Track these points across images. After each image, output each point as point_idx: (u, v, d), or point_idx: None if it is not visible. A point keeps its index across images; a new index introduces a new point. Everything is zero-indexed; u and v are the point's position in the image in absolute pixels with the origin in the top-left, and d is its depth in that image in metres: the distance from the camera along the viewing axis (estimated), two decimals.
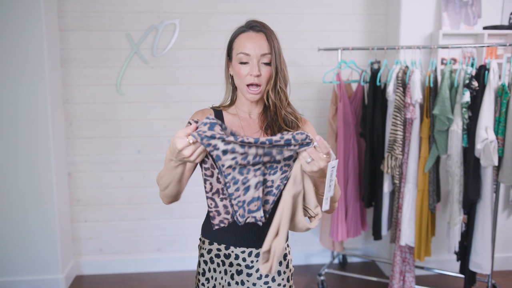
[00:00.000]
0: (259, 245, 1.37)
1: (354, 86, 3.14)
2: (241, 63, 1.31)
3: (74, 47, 3.09)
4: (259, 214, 1.12)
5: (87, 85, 3.14)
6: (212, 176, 1.14)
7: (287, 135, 1.05)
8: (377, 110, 2.85)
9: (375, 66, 2.90)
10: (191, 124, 1.08)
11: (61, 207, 3.03)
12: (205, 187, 1.16)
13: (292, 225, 1.13)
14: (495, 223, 2.65)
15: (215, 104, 1.49)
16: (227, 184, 1.11)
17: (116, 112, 3.19)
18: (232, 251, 1.38)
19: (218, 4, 3.14)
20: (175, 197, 1.31)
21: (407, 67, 2.72)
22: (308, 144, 1.06)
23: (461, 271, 2.70)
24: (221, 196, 1.16)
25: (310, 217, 1.16)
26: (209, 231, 1.43)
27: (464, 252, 2.65)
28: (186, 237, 3.36)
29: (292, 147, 1.06)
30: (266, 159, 1.08)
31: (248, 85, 1.32)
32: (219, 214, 1.17)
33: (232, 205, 1.14)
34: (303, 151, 1.07)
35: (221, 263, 1.40)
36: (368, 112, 2.88)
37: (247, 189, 1.11)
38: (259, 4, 3.17)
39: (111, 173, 3.23)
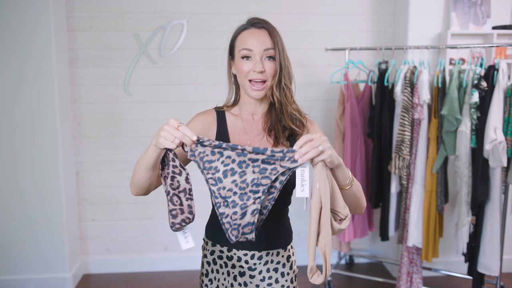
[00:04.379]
0: (261, 247, 1.37)
1: (361, 86, 3.13)
2: (244, 58, 1.29)
3: (82, 47, 3.11)
4: (251, 236, 1.16)
5: (95, 85, 3.15)
6: (180, 174, 1.16)
7: (278, 150, 1.11)
8: (384, 110, 2.84)
9: (383, 66, 2.89)
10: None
11: (69, 206, 3.05)
12: (171, 184, 1.16)
13: None
14: (504, 224, 2.63)
15: (220, 104, 1.46)
16: (218, 205, 1.15)
17: (124, 112, 3.20)
18: (235, 253, 1.38)
19: (225, 4, 3.14)
20: (142, 188, 1.29)
21: (415, 67, 2.71)
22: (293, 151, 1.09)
23: (469, 273, 2.68)
24: (187, 196, 1.17)
25: (340, 220, 1.16)
26: (212, 232, 1.43)
27: (472, 254, 2.63)
28: (193, 237, 3.36)
29: (283, 161, 1.10)
30: (264, 181, 1.11)
31: (251, 81, 1.29)
32: (182, 212, 1.17)
33: (223, 224, 1.16)
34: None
35: (223, 265, 1.40)
36: (375, 113, 2.87)
37: (244, 214, 1.14)
38: (266, 4, 3.16)
39: (119, 172, 3.24)
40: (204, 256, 1.45)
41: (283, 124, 1.33)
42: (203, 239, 1.48)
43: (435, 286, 2.98)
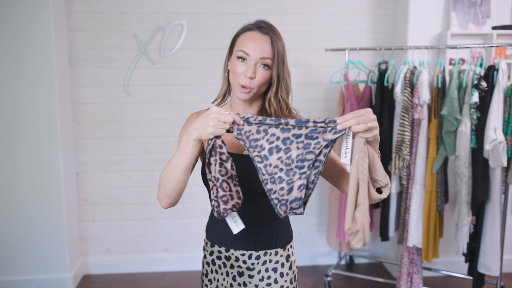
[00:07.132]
0: (258, 247, 1.37)
1: (361, 86, 3.13)
2: (239, 59, 1.28)
3: (82, 48, 3.11)
4: (300, 211, 1.20)
5: (95, 85, 3.16)
6: (227, 161, 1.18)
7: (319, 120, 1.15)
8: (384, 110, 2.84)
9: (383, 66, 2.89)
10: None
11: (69, 206, 3.05)
12: (219, 171, 1.17)
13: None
14: (504, 224, 2.63)
15: (214, 103, 1.47)
16: (265, 181, 1.18)
17: (124, 113, 3.20)
18: (232, 254, 1.38)
19: (225, 4, 3.14)
20: (178, 194, 1.26)
21: (415, 67, 2.71)
22: (340, 131, 1.13)
23: (469, 273, 2.68)
24: (234, 182, 1.20)
25: (380, 188, 1.19)
26: (211, 233, 1.44)
27: (472, 254, 2.63)
28: (193, 237, 3.36)
29: (326, 133, 1.15)
30: (309, 156, 1.15)
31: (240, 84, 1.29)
32: (232, 198, 1.19)
33: (271, 199, 1.19)
34: (354, 126, 1.11)
35: (222, 265, 1.41)
36: (375, 113, 2.87)
37: (291, 189, 1.17)
38: (266, 5, 3.17)
39: (119, 173, 3.24)
40: (204, 256, 1.46)
41: None
42: (204, 240, 1.49)
43: (435, 286, 2.98)
